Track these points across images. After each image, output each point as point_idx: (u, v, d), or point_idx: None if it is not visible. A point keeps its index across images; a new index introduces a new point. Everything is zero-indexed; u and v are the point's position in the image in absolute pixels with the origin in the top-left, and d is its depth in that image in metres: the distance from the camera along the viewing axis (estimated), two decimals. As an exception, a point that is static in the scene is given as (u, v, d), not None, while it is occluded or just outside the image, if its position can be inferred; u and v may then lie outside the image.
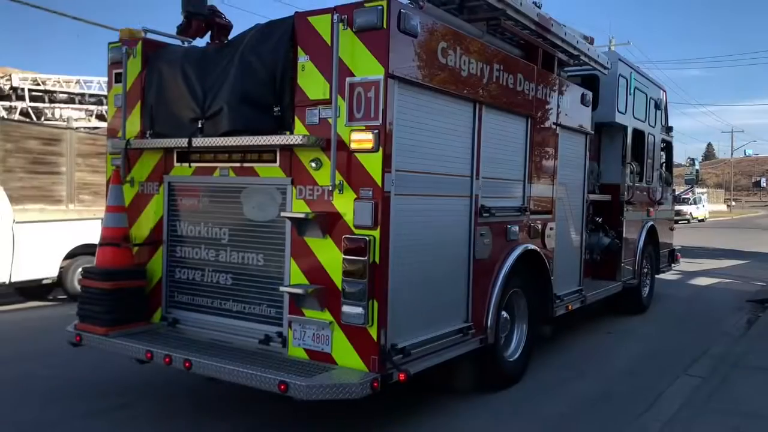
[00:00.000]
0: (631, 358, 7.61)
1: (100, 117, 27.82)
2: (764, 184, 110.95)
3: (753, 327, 8.94)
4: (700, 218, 46.45)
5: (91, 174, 11.48)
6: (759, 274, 15.52)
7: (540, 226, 6.63)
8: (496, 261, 5.80)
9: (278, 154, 4.84)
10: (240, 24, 5.77)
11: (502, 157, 5.89)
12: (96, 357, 6.34)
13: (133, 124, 5.61)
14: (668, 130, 11.49)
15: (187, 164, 5.33)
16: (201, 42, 6.01)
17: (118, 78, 5.68)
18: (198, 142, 5.03)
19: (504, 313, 6.04)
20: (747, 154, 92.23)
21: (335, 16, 4.41)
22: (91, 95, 29.83)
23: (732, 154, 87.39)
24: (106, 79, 5.96)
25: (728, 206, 73.59)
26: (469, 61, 5.19)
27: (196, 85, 5.15)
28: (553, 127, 6.84)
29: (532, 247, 6.34)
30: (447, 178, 5.11)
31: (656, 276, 11.01)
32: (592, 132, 8.05)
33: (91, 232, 10.24)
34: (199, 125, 5.10)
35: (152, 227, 5.57)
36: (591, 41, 8.37)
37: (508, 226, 5.99)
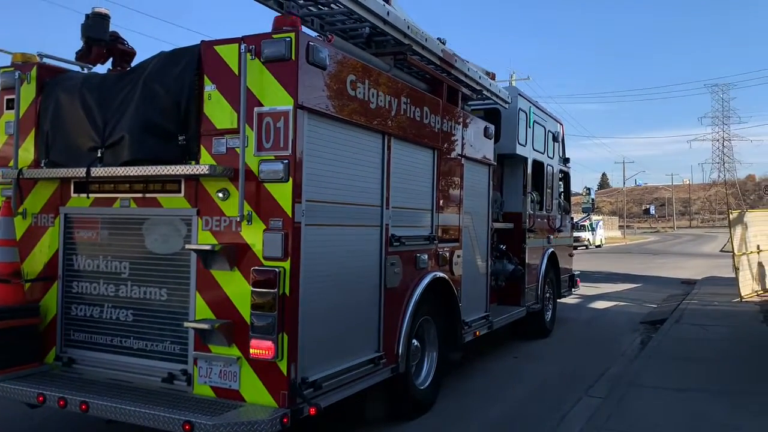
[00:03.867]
0: (536, 382, 7.86)
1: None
2: (653, 212, 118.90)
3: (646, 347, 9.47)
4: (597, 244, 48.94)
5: (-23, 205, 10.72)
6: (651, 297, 16.49)
7: (448, 254, 6.77)
8: (406, 289, 5.87)
9: (183, 184, 4.72)
10: (143, 51, 5.62)
11: (411, 187, 6.00)
12: (-20, 403, 5.85)
13: (27, 152, 5.32)
14: (566, 161, 12.11)
15: (85, 195, 5.09)
16: (102, 68, 5.82)
17: (10, 104, 5.40)
18: (97, 171, 4.82)
19: (415, 341, 6.09)
20: (638, 183, 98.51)
21: (242, 46, 4.39)
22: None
23: (624, 183, 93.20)
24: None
25: (622, 232, 78.02)
26: (378, 93, 5.29)
27: (96, 113, 4.96)
28: (459, 158, 7.05)
29: (440, 274, 6.46)
30: (357, 208, 5.14)
31: (558, 300, 11.46)
32: (495, 163, 8.37)
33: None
34: (99, 154, 4.90)
35: (46, 262, 5.26)
36: (492, 76, 8.75)
37: (418, 254, 6.09)
